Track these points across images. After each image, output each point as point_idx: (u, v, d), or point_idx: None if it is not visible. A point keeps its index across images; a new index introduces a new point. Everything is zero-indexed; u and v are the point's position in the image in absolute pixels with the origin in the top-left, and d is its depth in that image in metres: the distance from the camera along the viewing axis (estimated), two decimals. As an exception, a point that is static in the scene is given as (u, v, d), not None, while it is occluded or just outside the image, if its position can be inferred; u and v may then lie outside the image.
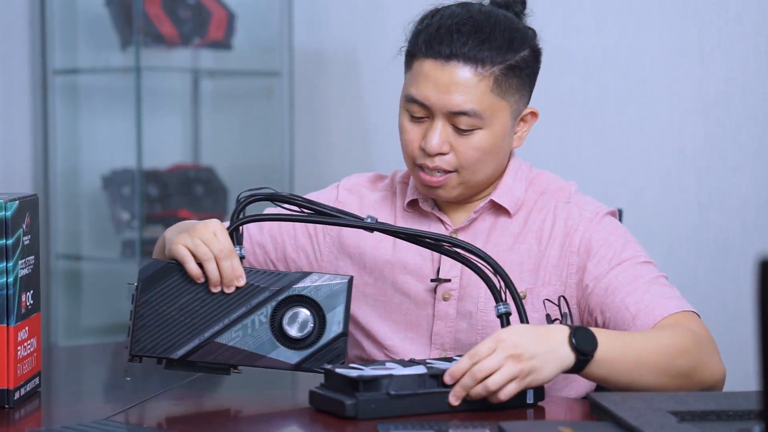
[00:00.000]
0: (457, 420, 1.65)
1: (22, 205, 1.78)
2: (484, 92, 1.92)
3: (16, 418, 1.73)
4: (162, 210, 3.79)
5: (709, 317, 2.99)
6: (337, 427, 1.66)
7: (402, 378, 1.69)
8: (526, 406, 1.73)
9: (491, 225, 2.02)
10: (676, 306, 1.90)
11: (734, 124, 2.95)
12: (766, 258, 1.08)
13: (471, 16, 1.94)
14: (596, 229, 1.99)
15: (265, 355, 1.81)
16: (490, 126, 1.94)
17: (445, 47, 1.91)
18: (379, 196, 2.10)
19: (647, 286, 1.92)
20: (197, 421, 1.76)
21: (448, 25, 1.93)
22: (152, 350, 1.79)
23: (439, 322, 1.99)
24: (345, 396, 1.68)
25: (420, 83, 1.93)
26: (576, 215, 2.01)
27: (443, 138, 1.93)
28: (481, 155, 1.94)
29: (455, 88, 1.91)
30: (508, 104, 1.95)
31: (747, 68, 2.93)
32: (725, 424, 1.53)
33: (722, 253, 2.97)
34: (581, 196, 2.06)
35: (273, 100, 3.93)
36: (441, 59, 1.92)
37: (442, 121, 1.93)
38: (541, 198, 2.04)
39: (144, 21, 3.67)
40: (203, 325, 1.80)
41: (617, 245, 1.98)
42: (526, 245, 2.00)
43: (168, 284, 1.81)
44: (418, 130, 1.96)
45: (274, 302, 1.82)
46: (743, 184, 2.94)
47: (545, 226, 2.01)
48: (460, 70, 1.91)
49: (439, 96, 1.92)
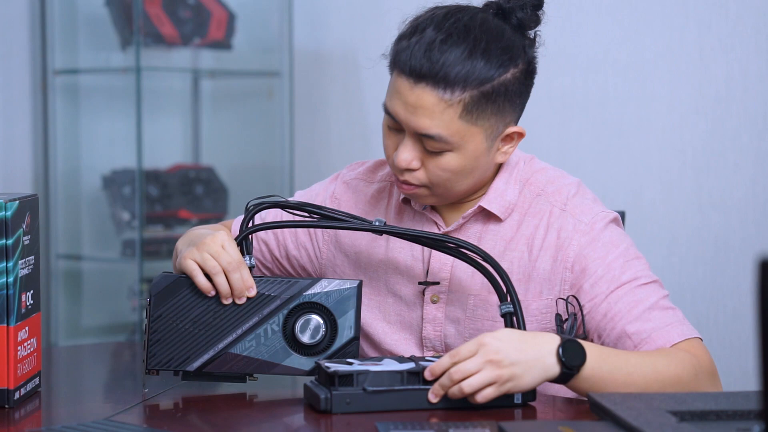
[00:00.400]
0: (456, 420, 1.66)
1: (22, 205, 1.78)
2: (451, 119, 1.82)
3: (16, 418, 1.73)
4: (162, 210, 3.79)
5: (709, 317, 3.01)
6: (335, 424, 1.67)
7: (379, 374, 1.69)
8: (513, 406, 1.72)
9: (482, 229, 1.96)
10: (678, 334, 1.85)
11: (734, 124, 2.95)
12: (766, 258, 1.08)
13: (450, 34, 1.83)
14: (592, 247, 1.90)
15: (279, 363, 1.84)
16: (461, 149, 1.85)
17: (416, 67, 1.81)
18: (376, 188, 2.06)
19: (648, 313, 1.86)
20: (197, 421, 1.76)
21: (425, 41, 1.82)
22: (168, 364, 1.83)
23: (428, 325, 1.97)
24: (322, 390, 1.70)
25: (393, 98, 1.87)
26: (570, 227, 1.92)
27: (412, 155, 1.86)
28: (451, 176, 1.87)
29: (422, 112, 1.82)
30: (481, 129, 1.85)
31: (747, 68, 2.93)
32: (725, 424, 1.52)
33: (722, 253, 2.97)
34: (580, 201, 1.96)
35: (273, 100, 3.93)
36: (411, 79, 1.82)
37: (412, 138, 1.86)
38: (536, 201, 1.96)
39: (144, 21, 3.67)
40: (217, 336, 1.83)
41: (616, 266, 1.89)
42: (517, 253, 1.94)
43: (180, 298, 1.83)
44: (395, 139, 1.90)
45: (286, 310, 1.84)
46: (743, 184, 2.94)
47: (537, 233, 1.93)
48: (427, 94, 1.82)
49: (406, 116, 1.84)
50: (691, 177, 3.01)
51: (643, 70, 3.09)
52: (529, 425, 1.67)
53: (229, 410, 1.77)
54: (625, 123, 3.12)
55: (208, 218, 3.86)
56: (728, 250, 2.96)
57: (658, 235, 3.05)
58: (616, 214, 1.97)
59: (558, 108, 3.20)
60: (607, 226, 1.93)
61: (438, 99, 1.81)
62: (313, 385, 1.74)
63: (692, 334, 1.86)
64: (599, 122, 3.16)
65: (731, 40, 2.95)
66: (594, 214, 1.93)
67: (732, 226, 2.96)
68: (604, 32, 3.14)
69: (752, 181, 2.93)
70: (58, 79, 3.85)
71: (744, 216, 2.94)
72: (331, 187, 2.10)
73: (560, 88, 3.19)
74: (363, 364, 1.74)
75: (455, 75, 1.81)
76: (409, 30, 1.87)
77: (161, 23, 3.72)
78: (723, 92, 2.96)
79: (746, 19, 2.93)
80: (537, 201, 1.96)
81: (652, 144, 3.07)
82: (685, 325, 1.87)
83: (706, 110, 2.99)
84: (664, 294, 1.91)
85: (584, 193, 1.99)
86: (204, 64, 4.00)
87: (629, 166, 3.10)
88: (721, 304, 2.97)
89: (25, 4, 3.85)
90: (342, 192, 2.08)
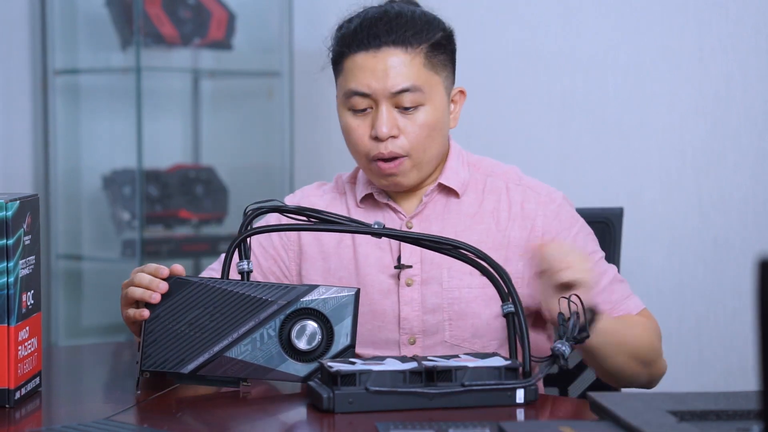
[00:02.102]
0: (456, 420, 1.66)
1: (23, 205, 1.78)
2: (418, 68, 2.02)
3: (16, 418, 1.73)
4: (162, 210, 3.79)
5: (709, 317, 3.01)
6: (337, 423, 1.67)
7: (382, 374, 1.70)
8: (516, 405, 1.73)
9: (443, 208, 2.10)
10: (636, 305, 2.08)
11: (734, 124, 2.95)
12: (766, 258, 1.08)
13: (386, 11, 2.06)
14: (558, 219, 2.08)
15: (274, 368, 1.84)
16: (431, 101, 2.03)
17: (373, 38, 2.02)
18: (329, 198, 2.17)
19: (611, 285, 2.07)
20: (197, 421, 1.76)
21: (369, 20, 2.05)
22: (162, 365, 1.82)
23: (406, 308, 2.05)
24: (325, 389, 1.70)
25: (357, 75, 2.03)
26: (532, 199, 2.09)
27: (391, 121, 2.02)
28: (428, 131, 2.03)
29: (392, 71, 2.01)
30: (440, 78, 2.05)
31: (747, 68, 2.93)
32: (725, 424, 1.53)
33: (722, 253, 2.97)
34: (530, 180, 2.13)
35: (273, 100, 3.93)
36: (372, 49, 2.02)
37: (386, 105, 2.02)
38: (489, 180, 2.12)
39: (144, 21, 3.67)
40: (212, 339, 1.83)
41: (580, 239, 2.09)
42: (483, 225, 2.08)
43: (176, 300, 1.83)
44: (364, 123, 2.05)
45: (283, 315, 1.84)
46: (743, 184, 2.94)
47: (500, 207, 2.09)
48: (391, 54, 2.02)
49: (378, 81, 2.01)
50: (691, 177, 3.01)
51: (643, 71, 3.09)
52: (529, 425, 1.67)
53: (229, 410, 1.77)
54: (625, 123, 3.12)
55: (208, 218, 3.86)
56: (728, 250, 2.96)
57: (658, 235, 3.05)
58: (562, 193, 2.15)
59: (558, 108, 3.20)
60: (564, 201, 2.12)
61: (404, 53, 2.02)
62: (316, 385, 1.74)
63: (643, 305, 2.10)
64: (599, 122, 3.16)
65: (731, 40, 2.95)
66: (548, 189, 2.13)
67: (732, 226, 2.96)
68: (604, 32, 3.15)
69: (752, 181, 2.93)
70: (58, 79, 3.85)
71: (744, 216, 2.94)
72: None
73: (560, 88, 3.19)
74: (366, 363, 1.74)
75: (410, 29, 2.03)
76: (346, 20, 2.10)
77: (161, 23, 3.72)
78: (723, 92, 2.96)
79: (746, 19, 2.93)
80: (490, 180, 2.12)
81: (652, 144, 3.07)
82: (637, 297, 2.11)
83: (706, 110, 2.99)
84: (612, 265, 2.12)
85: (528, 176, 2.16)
86: (204, 64, 4.00)
87: (629, 166, 3.10)
88: (721, 304, 2.97)
89: (25, 4, 3.85)
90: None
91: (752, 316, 2.86)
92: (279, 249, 2.14)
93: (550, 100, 3.20)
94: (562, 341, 1.78)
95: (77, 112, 3.89)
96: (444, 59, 2.07)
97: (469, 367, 1.73)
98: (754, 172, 2.93)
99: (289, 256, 2.14)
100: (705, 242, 3.00)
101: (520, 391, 1.73)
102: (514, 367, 1.74)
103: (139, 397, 1.84)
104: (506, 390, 1.73)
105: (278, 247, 2.14)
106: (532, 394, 1.74)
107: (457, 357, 1.79)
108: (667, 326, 3.04)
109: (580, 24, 3.18)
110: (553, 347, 1.79)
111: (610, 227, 2.37)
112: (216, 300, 1.83)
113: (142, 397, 1.85)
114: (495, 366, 1.74)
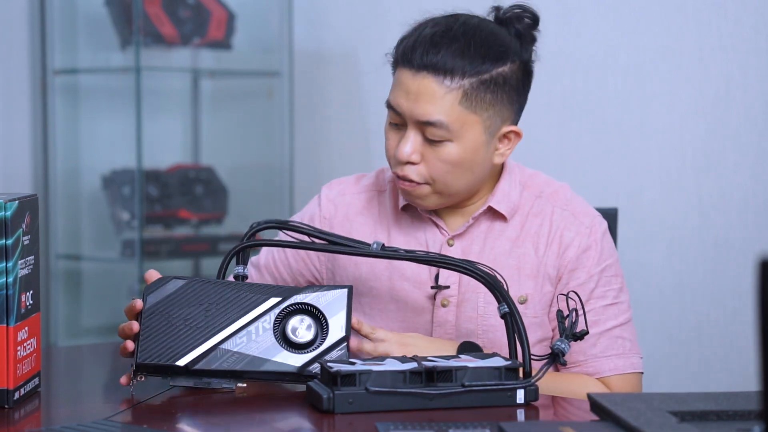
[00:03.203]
0: (456, 420, 1.66)
1: (22, 205, 1.78)
2: (452, 104, 1.91)
3: (15, 418, 1.73)
4: (162, 210, 3.79)
5: (709, 317, 3.01)
6: (337, 423, 1.67)
7: (382, 374, 1.70)
8: (516, 405, 1.73)
9: (487, 230, 2.03)
10: (611, 368, 1.97)
11: (734, 124, 2.95)
12: (766, 258, 1.08)
13: (450, 28, 1.94)
14: (587, 253, 2.01)
15: (269, 358, 1.84)
16: (460, 139, 1.93)
17: (417, 57, 1.92)
18: (365, 198, 2.11)
19: (597, 338, 1.97)
20: (197, 421, 1.76)
21: (426, 35, 1.93)
22: (158, 357, 1.82)
23: (439, 329, 2.01)
24: (325, 390, 1.70)
25: (395, 91, 1.96)
26: (573, 228, 2.02)
27: (414, 147, 1.94)
28: (451, 168, 1.94)
29: (423, 98, 1.92)
30: (480, 118, 1.93)
31: (747, 68, 2.93)
32: (725, 424, 1.52)
33: (722, 253, 2.97)
34: (578, 203, 2.06)
35: (273, 100, 3.93)
36: (413, 69, 1.93)
37: (414, 130, 1.94)
38: (537, 202, 2.04)
39: (144, 21, 3.67)
40: (208, 334, 1.84)
41: (595, 278, 2.00)
42: (523, 250, 2.01)
43: (172, 297, 1.85)
44: (396, 137, 1.98)
45: (277, 310, 1.86)
46: (743, 184, 2.94)
47: (542, 231, 2.02)
48: (428, 80, 1.92)
49: (408, 104, 1.93)
50: (691, 177, 3.01)
51: (643, 71, 3.09)
52: (529, 425, 1.67)
53: (229, 410, 1.77)
54: (625, 123, 3.12)
55: (208, 218, 3.86)
56: (728, 250, 2.96)
57: (658, 235, 3.05)
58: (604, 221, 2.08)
59: (558, 108, 3.20)
60: (605, 235, 2.04)
61: (438, 85, 1.91)
62: (316, 385, 1.75)
63: (627, 370, 1.98)
64: (599, 122, 3.16)
65: (731, 40, 2.95)
66: (593, 217, 2.04)
67: (732, 226, 2.96)
68: (604, 32, 3.15)
69: (752, 181, 2.93)
70: (58, 79, 3.85)
71: (744, 216, 2.94)
72: (317, 211, 2.13)
73: (560, 88, 3.19)
74: (366, 363, 1.74)
75: (454, 63, 1.91)
76: (411, 29, 1.98)
77: (161, 23, 3.72)
78: (723, 92, 2.96)
79: (746, 19, 2.93)
80: (538, 202, 2.04)
81: (652, 144, 3.07)
82: (624, 359, 1.99)
83: (706, 110, 2.99)
84: (625, 320, 2.02)
85: (577, 196, 2.09)
86: (204, 64, 4.00)
87: (629, 166, 3.10)
88: (721, 304, 2.97)
89: (25, 4, 3.85)
90: (330, 210, 2.12)
91: (752, 316, 2.86)
92: (311, 252, 2.11)
93: (550, 100, 3.20)
94: (561, 339, 1.80)
95: (77, 112, 3.89)
96: (492, 98, 1.93)
97: (469, 368, 1.73)
98: (754, 172, 2.93)
99: (320, 260, 2.11)
100: (705, 242, 3.00)
101: (521, 391, 1.73)
102: (514, 367, 1.75)
103: (139, 398, 1.84)
104: (506, 390, 1.73)
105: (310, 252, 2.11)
106: (533, 395, 1.74)
107: (458, 357, 1.79)
108: (667, 326, 3.05)
109: (580, 24, 3.18)
110: (553, 345, 1.80)
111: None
112: (211, 297, 1.86)
113: (141, 397, 1.84)
114: (495, 366, 1.74)
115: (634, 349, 2.01)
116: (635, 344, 2.02)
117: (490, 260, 1.99)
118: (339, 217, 2.11)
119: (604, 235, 2.03)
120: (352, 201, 2.11)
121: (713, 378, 2.97)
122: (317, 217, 2.12)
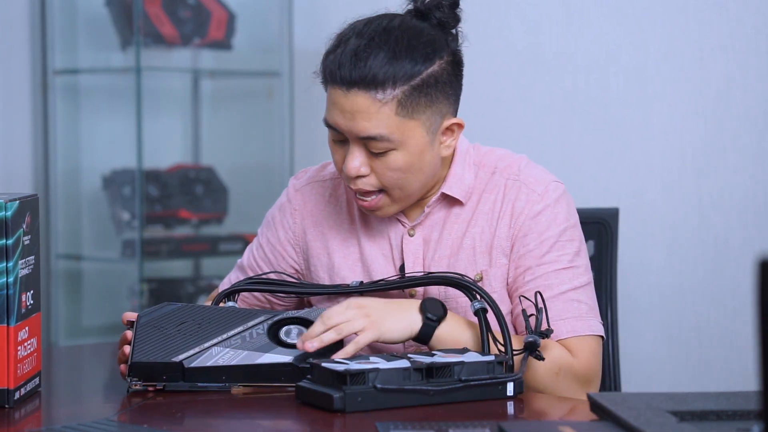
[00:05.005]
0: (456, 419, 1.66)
1: (23, 205, 1.78)
2: (388, 116, 1.90)
3: (16, 418, 1.73)
4: (162, 210, 3.79)
5: (709, 317, 3.01)
6: (337, 423, 1.67)
7: (388, 371, 1.72)
8: (506, 398, 1.76)
9: (445, 215, 2.05)
10: (568, 330, 1.94)
11: (734, 124, 2.95)
12: (766, 258, 1.08)
13: (372, 37, 1.92)
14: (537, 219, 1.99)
15: (264, 353, 1.87)
16: (404, 146, 1.92)
17: (346, 75, 1.90)
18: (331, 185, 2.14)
19: (550, 301, 1.94)
20: (197, 421, 1.76)
21: (350, 50, 1.91)
22: (153, 355, 1.84)
23: None
24: (332, 389, 1.71)
25: (331, 110, 1.95)
26: (524, 197, 2.00)
27: (360, 161, 1.94)
28: (401, 174, 1.94)
29: (359, 116, 1.90)
30: (419, 122, 1.92)
31: (747, 68, 2.93)
32: (725, 424, 1.53)
33: (722, 253, 2.97)
34: (532, 169, 2.04)
35: (273, 100, 3.93)
36: (343, 87, 1.91)
37: (356, 145, 1.94)
38: (492, 179, 2.04)
39: (144, 21, 3.67)
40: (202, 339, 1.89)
41: (547, 243, 1.98)
42: (477, 228, 2.02)
43: (167, 314, 1.91)
44: (342, 152, 1.98)
45: (270, 321, 1.92)
46: (743, 184, 2.94)
47: (495, 207, 2.02)
48: (361, 97, 1.90)
49: (346, 122, 1.92)
50: (691, 177, 3.01)
51: (643, 71, 3.09)
52: (529, 425, 1.67)
53: (229, 410, 1.77)
54: (626, 123, 3.12)
55: (208, 218, 3.86)
56: (728, 250, 2.96)
57: (658, 235, 3.05)
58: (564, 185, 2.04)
59: (559, 108, 3.20)
60: (559, 200, 2.02)
61: (372, 100, 1.89)
62: (314, 385, 1.75)
63: (585, 332, 1.95)
64: (600, 122, 3.16)
65: (731, 40, 2.95)
66: (546, 183, 2.02)
67: (732, 226, 2.96)
68: (604, 33, 3.14)
69: (752, 181, 2.93)
70: (58, 79, 3.85)
71: (744, 216, 2.94)
72: (287, 205, 2.16)
73: (561, 88, 3.19)
74: (359, 362, 1.75)
75: (384, 75, 1.89)
76: (334, 43, 1.97)
77: (161, 23, 3.72)
78: (723, 92, 2.96)
79: (746, 19, 2.93)
80: (492, 179, 2.04)
81: (652, 144, 3.07)
82: (582, 321, 1.96)
83: (706, 110, 2.99)
84: (580, 283, 1.98)
85: (534, 165, 2.07)
86: (204, 64, 4.00)
87: (629, 166, 3.10)
88: (721, 304, 2.97)
89: (25, 4, 3.85)
90: (299, 201, 2.15)
91: (752, 316, 2.86)
92: (285, 245, 2.15)
93: (552, 100, 3.20)
94: (531, 335, 1.86)
95: (77, 112, 3.89)
96: (429, 99, 1.92)
97: (465, 362, 1.76)
98: (754, 172, 2.93)
99: (296, 251, 2.14)
100: (705, 242, 2.99)
101: (510, 384, 1.77)
102: (505, 360, 1.79)
103: (138, 398, 1.84)
104: (498, 384, 1.77)
105: (284, 243, 2.15)
106: (519, 387, 1.78)
107: (433, 354, 1.81)
108: (667, 326, 3.05)
109: (582, 25, 3.18)
110: (525, 339, 1.85)
111: (606, 228, 2.38)
112: (205, 314, 1.92)
113: (139, 398, 1.84)
114: (488, 360, 1.78)
115: (592, 312, 1.98)
116: (593, 308, 1.99)
117: (449, 245, 2.02)
118: (309, 207, 2.14)
119: (558, 200, 2.01)
120: (319, 189, 2.14)
121: (713, 378, 2.97)
122: (288, 209, 2.15)
